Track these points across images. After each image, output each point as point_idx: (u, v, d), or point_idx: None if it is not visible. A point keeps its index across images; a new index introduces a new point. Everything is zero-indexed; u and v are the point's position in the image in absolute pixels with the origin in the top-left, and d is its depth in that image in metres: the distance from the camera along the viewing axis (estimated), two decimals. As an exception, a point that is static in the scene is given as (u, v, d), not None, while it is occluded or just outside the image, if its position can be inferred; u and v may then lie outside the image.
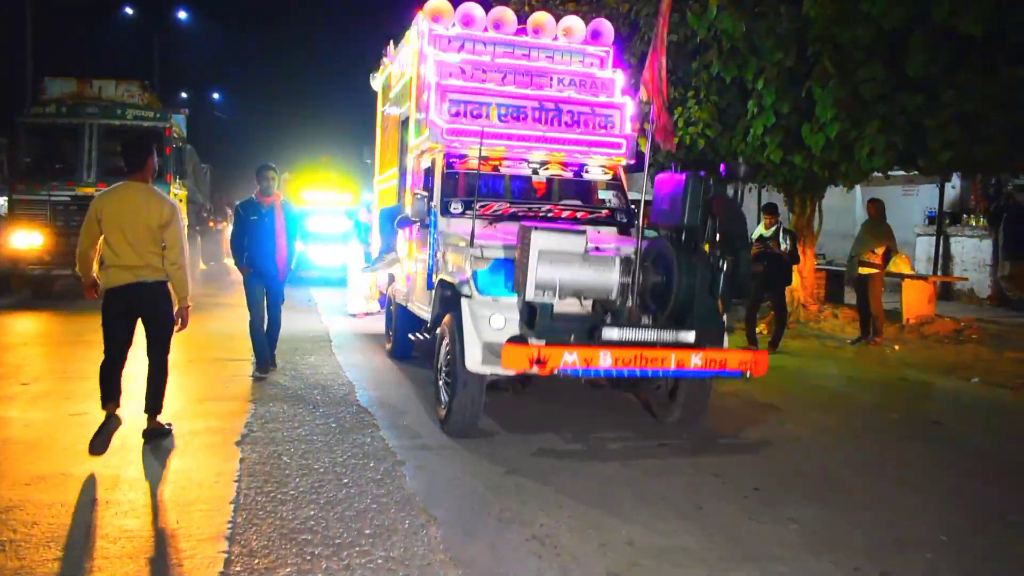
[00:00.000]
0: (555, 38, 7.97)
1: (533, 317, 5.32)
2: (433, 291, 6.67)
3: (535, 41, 7.93)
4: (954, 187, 16.83)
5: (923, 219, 17.13)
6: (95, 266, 5.41)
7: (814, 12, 9.52)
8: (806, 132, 10.35)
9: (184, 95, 36.77)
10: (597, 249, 5.82)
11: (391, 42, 9.79)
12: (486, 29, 7.81)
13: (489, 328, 5.49)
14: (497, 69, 7.60)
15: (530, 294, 5.27)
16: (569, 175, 7.64)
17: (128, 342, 5.45)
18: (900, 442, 6.22)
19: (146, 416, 5.57)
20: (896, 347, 10.68)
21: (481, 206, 6.76)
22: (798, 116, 10.55)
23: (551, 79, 7.72)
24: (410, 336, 8.23)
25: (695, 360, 5.27)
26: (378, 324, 11.44)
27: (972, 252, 15.50)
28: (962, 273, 15.34)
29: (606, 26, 8.15)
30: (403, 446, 5.61)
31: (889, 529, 4.35)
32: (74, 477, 4.72)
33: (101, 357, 5.39)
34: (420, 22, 7.77)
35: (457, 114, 7.15)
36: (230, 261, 27.01)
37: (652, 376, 5.41)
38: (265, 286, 7.90)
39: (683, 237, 5.64)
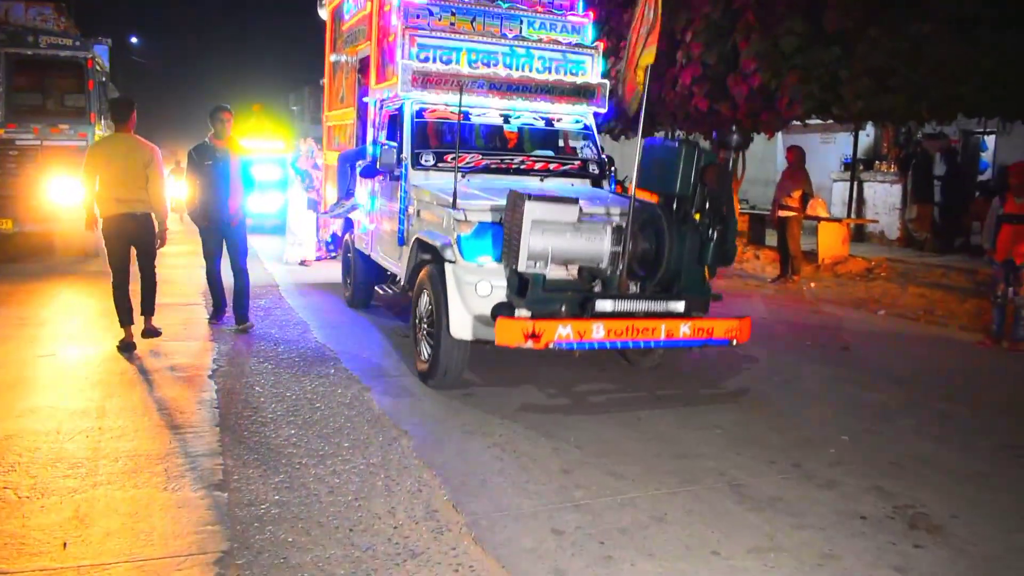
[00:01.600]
0: None
1: (524, 287, 5.24)
2: (406, 247, 6.51)
3: None
4: (868, 135, 17.74)
5: (839, 165, 18.05)
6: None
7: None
8: (732, 82, 10.95)
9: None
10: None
11: None
12: None
13: (475, 295, 5.34)
14: (466, 12, 7.26)
15: (523, 265, 5.12)
16: (541, 124, 7.42)
17: (127, 260, 6.75)
18: (812, 364, 6.94)
19: (143, 318, 6.92)
20: (812, 284, 11.51)
21: (452, 158, 6.59)
22: (724, 67, 11.15)
23: (522, 23, 7.40)
24: (378, 289, 8.11)
25: (684, 330, 5.25)
26: (321, 272, 11.76)
27: (884, 196, 16.47)
28: (874, 216, 16.31)
29: None
30: (366, 374, 6.06)
31: (800, 431, 5.03)
32: (62, 409, 5.04)
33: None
34: None
35: (426, 59, 6.86)
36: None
37: (644, 347, 5.49)
38: (223, 235, 7.57)
39: (675, 205, 5.50)
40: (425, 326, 5.94)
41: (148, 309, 7.00)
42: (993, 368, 7.18)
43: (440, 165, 6.72)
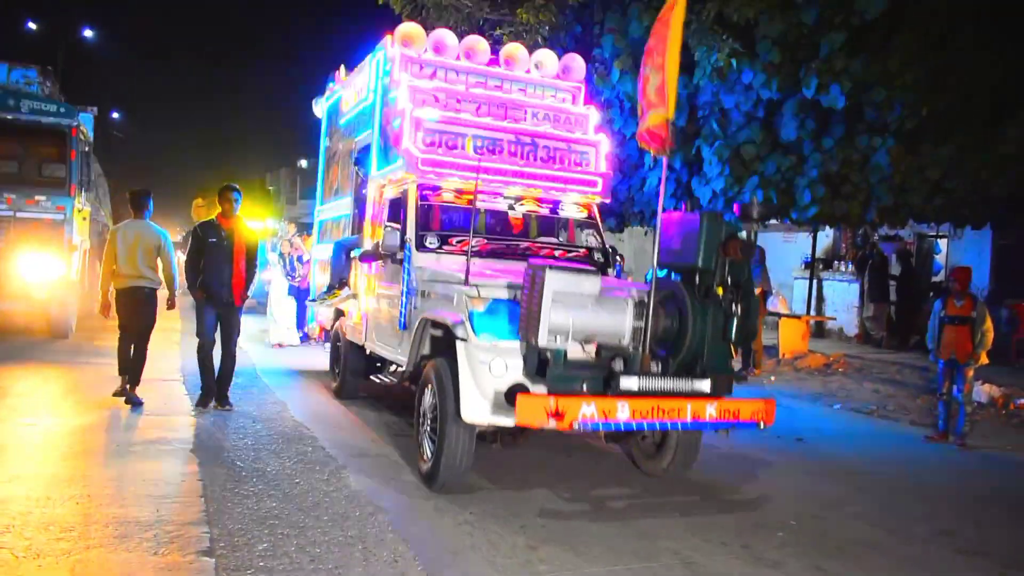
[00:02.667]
0: (527, 71, 7.91)
1: (543, 365, 5.00)
2: (410, 332, 6.28)
3: (509, 73, 7.79)
4: (827, 236, 18.58)
5: (800, 264, 18.82)
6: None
7: (703, 81, 10.83)
8: (696, 184, 11.63)
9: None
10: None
11: (342, 67, 9.72)
12: (458, 57, 7.64)
13: (489, 375, 5.08)
14: (471, 99, 7.38)
15: (543, 339, 4.80)
16: (545, 211, 7.34)
17: (132, 326, 7.65)
18: (768, 454, 7.31)
19: (128, 386, 7.60)
20: (772, 378, 11.97)
21: (458, 241, 6.61)
22: (688, 170, 11.85)
23: (526, 112, 7.53)
24: (373, 379, 7.77)
25: (710, 411, 5.02)
26: (301, 357, 12.03)
27: (842, 294, 17.17)
28: (833, 313, 16.96)
29: (578, 61, 8.11)
30: (342, 454, 6.32)
31: (752, 516, 5.36)
32: (49, 476, 5.25)
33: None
34: (390, 47, 7.60)
35: (432, 144, 6.87)
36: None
37: (671, 428, 5.25)
38: (219, 314, 7.55)
39: (697, 279, 5.29)
40: (428, 423, 5.69)
41: (134, 380, 7.62)
42: (937, 461, 7.59)
43: (445, 248, 6.69)
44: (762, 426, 5.22)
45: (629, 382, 4.96)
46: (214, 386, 7.63)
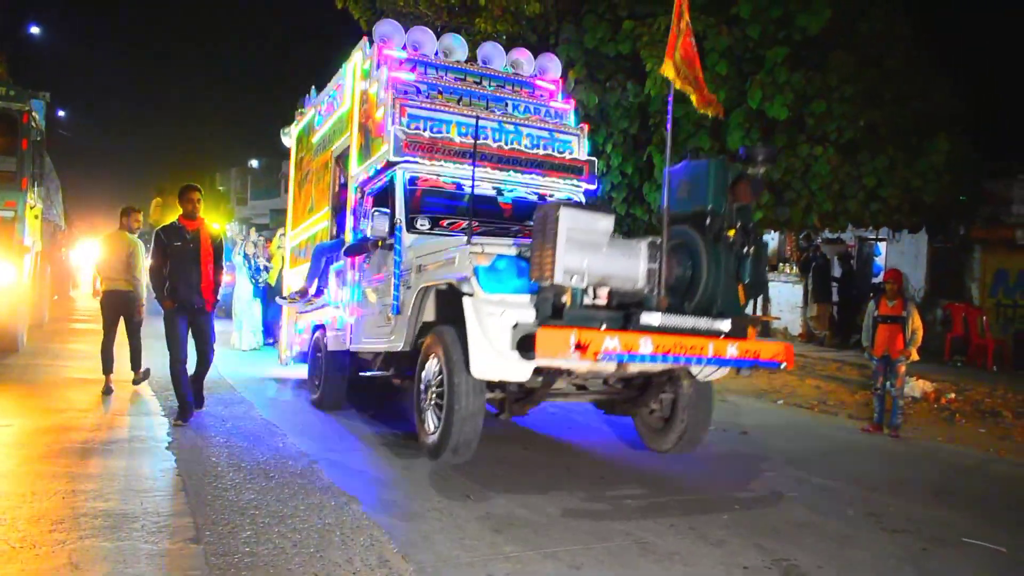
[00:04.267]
0: (503, 69, 8.07)
1: (557, 311, 4.88)
2: (404, 312, 6.34)
3: (487, 70, 7.92)
4: (772, 239, 19.27)
5: (747, 266, 19.49)
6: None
7: (654, 91, 11.31)
8: (647, 190, 12.10)
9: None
10: None
11: (311, 91, 9.99)
12: (436, 55, 7.75)
13: (499, 326, 5.04)
14: (452, 92, 7.48)
15: (559, 277, 4.70)
16: (534, 198, 7.34)
17: (115, 324, 8.67)
18: (714, 445, 7.76)
19: (132, 372, 8.84)
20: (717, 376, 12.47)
21: (448, 224, 6.67)
22: (640, 176, 12.31)
23: (507, 104, 7.64)
24: (364, 375, 7.77)
25: (731, 350, 4.99)
26: (267, 361, 12.22)
27: (787, 295, 17.87)
28: (778, 313, 17.63)
29: (554, 62, 8.29)
30: (312, 448, 6.61)
31: (698, 501, 5.79)
32: (29, 473, 5.47)
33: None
34: (366, 46, 7.80)
35: (417, 129, 6.93)
36: (78, 293, 26.65)
37: (694, 364, 5.14)
38: (191, 321, 7.39)
39: (707, 222, 5.27)
40: (433, 392, 5.71)
41: (136, 364, 8.86)
42: (872, 451, 8.12)
43: (436, 231, 6.68)
44: (784, 367, 5.29)
45: (650, 317, 4.89)
46: (189, 398, 7.36)
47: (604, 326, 4.94)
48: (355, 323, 7.72)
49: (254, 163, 48.10)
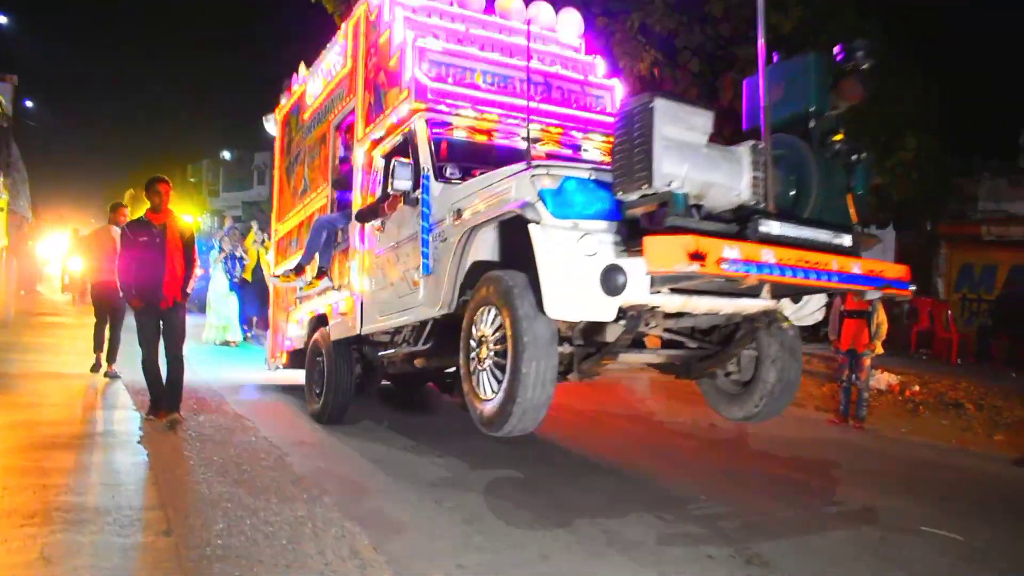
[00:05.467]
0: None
1: (659, 217, 4.10)
2: (441, 269, 5.48)
3: (508, 24, 7.13)
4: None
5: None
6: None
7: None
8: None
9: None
10: None
11: (297, 70, 9.37)
12: (452, 3, 7.07)
13: (578, 254, 4.30)
14: (473, 40, 6.77)
15: (658, 181, 3.94)
16: (568, 153, 6.56)
17: (105, 312, 9.26)
18: (683, 439, 7.91)
19: (106, 364, 9.24)
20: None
21: (482, 174, 5.64)
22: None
23: (532, 55, 6.58)
24: (383, 355, 6.89)
25: (855, 267, 4.35)
26: (239, 352, 12.20)
27: (758, 289, 18.10)
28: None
29: (576, 15, 7.58)
30: (284, 441, 6.66)
31: (665, 491, 5.91)
32: (4, 467, 5.44)
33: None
34: None
35: (438, 77, 6.28)
36: (45, 288, 26.37)
37: (820, 280, 4.23)
38: (160, 318, 7.02)
39: (811, 127, 4.58)
40: (491, 352, 4.83)
41: (111, 358, 9.21)
42: (837, 442, 8.30)
43: (468, 179, 5.73)
44: (913, 288, 4.72)
45: (770, 226, 4.17)
46: (164, 394, 7.12)
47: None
48: (367, 301, 6.89)
49: (226, 155, 47.67)
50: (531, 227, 4.43)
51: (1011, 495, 6.77)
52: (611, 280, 4.24)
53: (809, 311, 5.35)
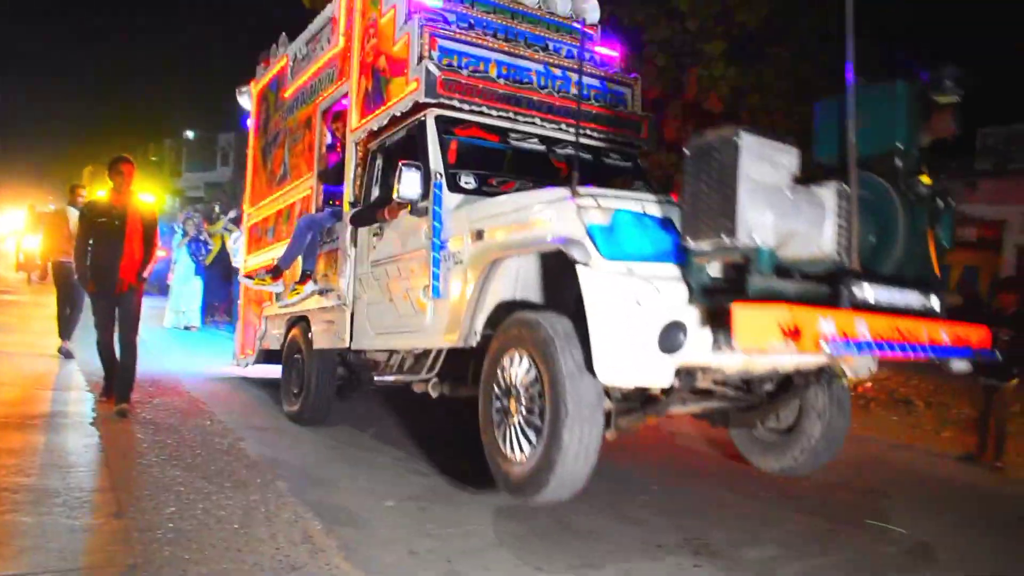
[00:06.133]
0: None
1: (742, 274, 3.56)
2: (448, 297, 4.99)
3: (518, 6, 6.44)
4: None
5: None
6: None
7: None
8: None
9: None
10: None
11: (276, 42, 8.73)
12: None
13: (637, 308, 3.66)
14: (486, 26, 6.09)
15: (741, 233, 3.38)
16: (588, 156, 5.99)
17: (67, 292, 9.38)
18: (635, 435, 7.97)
19: (60, 339, 9.37)
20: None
21: (499, 182, 5.42)
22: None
23: (547, 45, 6.31)
24: (379, 380, 6.29)
25: (944, 335, 3.81)
26: (199, 337, 12.07)
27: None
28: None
29: (593, 3, 6.82)
30: (240, 426, 6.62)
31: (619, 483, 5.98)
32: (-52, 448, 5.38)
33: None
34: None
35: (450, 66, 5.58)
36: None
37: (910, 354, 3.70)
38: (115, 303, 6.78)
39: (898, 166, 4.01)
40: (522, 408, 4.23)
41: (67, 334, 9.37)
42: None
43: (486, 189, 5.29)
44: (1000, 356, 4.28)
45: (864, 289, 3.65)
46: (112, 378, 6.98)
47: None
48: (359, 313, 6.26)
49: (189, 134, 46.90)
50: (579, 269, 3.82)
51: (954, 490, 6.96)
52: (671, 339, 3.68)
53: (864, 363, 4.77)
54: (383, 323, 5.89)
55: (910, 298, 3.91)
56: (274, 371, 8.43)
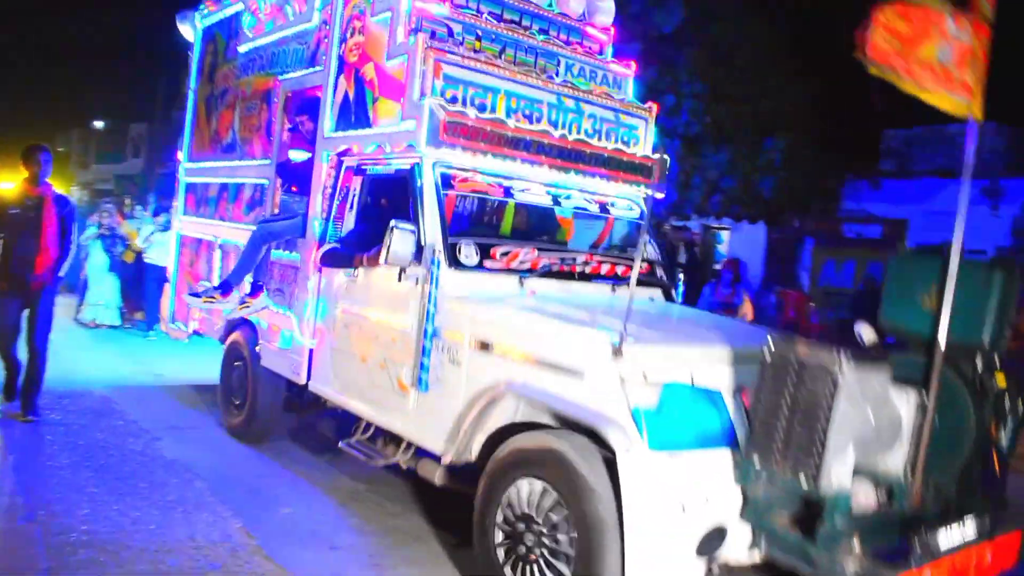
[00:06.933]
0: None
1: (812, 518, 3.06)
2: (440, 394, 4.16)
3: (526, 6, 5.45)
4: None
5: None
6: None
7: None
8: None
9: None
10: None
11: None
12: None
13: (681, 517, 3.19)
14: (494, 38, 5.13)
15: (824, 483, 2.96)
16: (595, 208, 5.29)
17: None
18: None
19: None
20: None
21: (503, 253, 4.57)
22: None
23: (559, 63, 5.37)
24: (347, 448, 4.93)
25: (989, 556, 3.37)
26: (106, 333, 11.71)
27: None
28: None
29: (608, 2, 5.87)
30: (156, 426, 6.48)
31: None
32: None
33: None
34: None
35: (454, 99, 4.65)
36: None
37: None
38: (24, 301, 6.28)
39: (978, 363, 3.46)
40: (543, 547, 3.51)
41: None
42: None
43: (487, 263, 4.47)
44: None
45: (941, 538, 3.16)
46: (15, 379, 6.43)
47: (858, 545, 2.99)
48: (321, 354, 5.37)
49: (98, 124, 45.24)
50: (622, 461, 3.19)
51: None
52: (711, 544, 3.25)
53: None
54: (350, 379, 5.01)
55: (971, 532, 3.35)
56: (193, 374, 8.37)
